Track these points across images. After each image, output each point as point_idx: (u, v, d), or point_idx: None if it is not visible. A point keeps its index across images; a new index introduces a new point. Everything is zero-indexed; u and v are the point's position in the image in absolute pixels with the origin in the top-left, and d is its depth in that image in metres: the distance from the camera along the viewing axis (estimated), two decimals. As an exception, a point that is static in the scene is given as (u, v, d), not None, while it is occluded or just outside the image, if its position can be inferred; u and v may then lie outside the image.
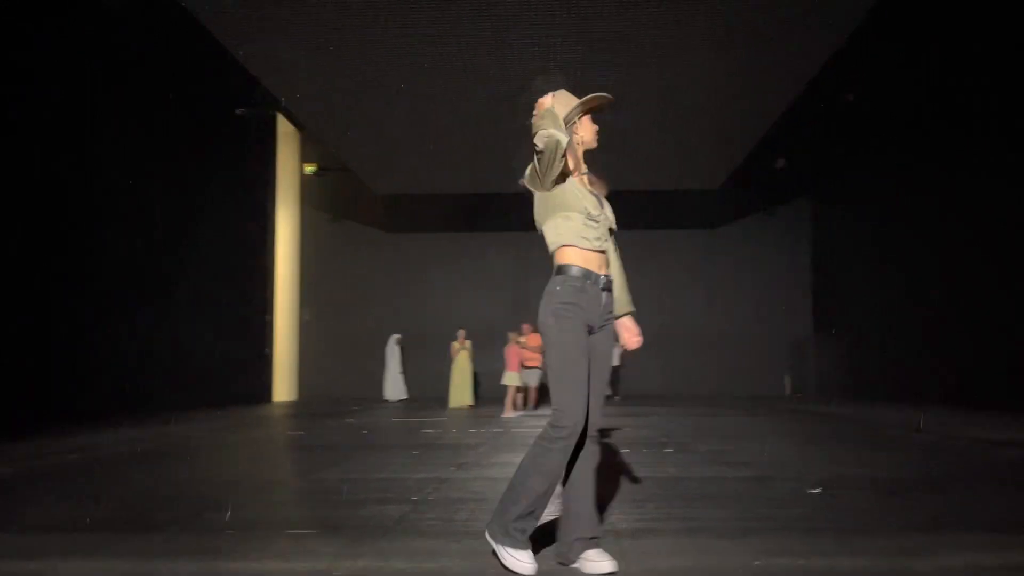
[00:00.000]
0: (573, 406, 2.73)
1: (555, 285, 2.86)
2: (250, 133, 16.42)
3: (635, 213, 19.63)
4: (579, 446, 2.83)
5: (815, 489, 4.55)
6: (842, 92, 13.86)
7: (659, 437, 8.15)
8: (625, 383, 18.31)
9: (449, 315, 18.52)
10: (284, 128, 18.62)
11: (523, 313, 18.44)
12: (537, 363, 13.18)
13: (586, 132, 2.96)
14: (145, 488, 5.00)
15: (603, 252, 2.90)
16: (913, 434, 8.26)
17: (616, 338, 3.08)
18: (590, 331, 2.86)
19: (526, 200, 2.99)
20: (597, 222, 2.86)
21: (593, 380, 2.85)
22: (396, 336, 18.28)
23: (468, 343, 14.50)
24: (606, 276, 2.90)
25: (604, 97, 2.90)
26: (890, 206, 15.65)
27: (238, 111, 14.68)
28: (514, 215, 19.42)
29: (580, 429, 2.76)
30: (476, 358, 14.88)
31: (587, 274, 2.83)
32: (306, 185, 19.78)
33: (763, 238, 20.49)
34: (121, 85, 11.76)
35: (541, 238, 2.98)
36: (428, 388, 18.84)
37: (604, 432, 7.89)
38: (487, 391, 17.56)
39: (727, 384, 19.78)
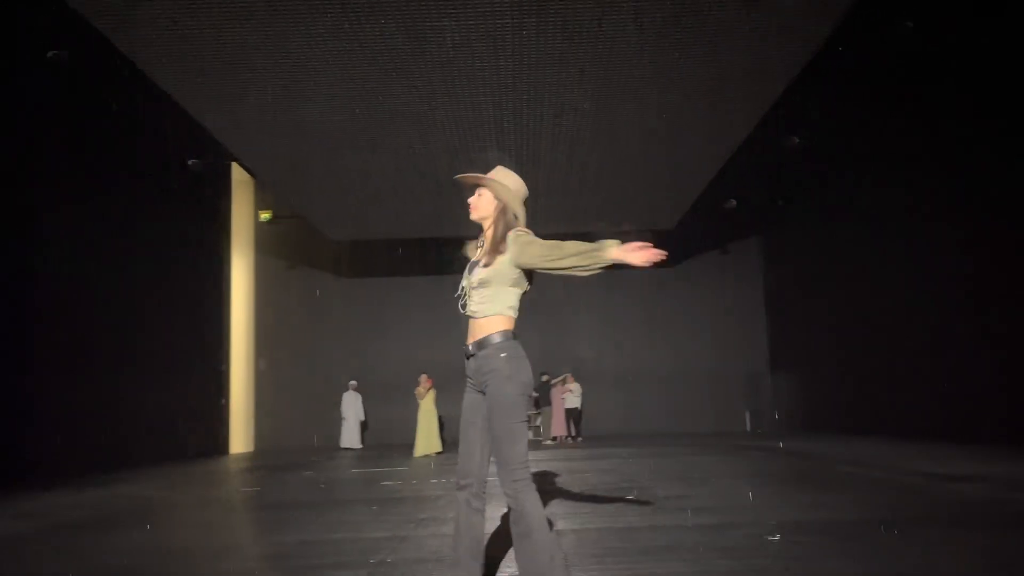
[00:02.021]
0: (459, 460, 3.10)
1: None
2: (204, 183, 16.30)
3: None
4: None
5: (774, 536, 4.58)
6: (788, 133, 14.28)
7: (620, 482, 8.15)
8: (586, 423, 18.35)
9: (410, 360, 18.40)
10: (238, 176, 18.53)
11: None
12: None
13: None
14: (98, 560, 4.84)
15: (471, 317, 3.07)
16: (863, 471, 8.37)
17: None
18: (480, 391, 3.05)
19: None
20: (462, 290, 3.10)
21: (481, 437, 3.05)
22: (352, 383, 18.09)
23: (432, 388, 14.41)
24: (468, 345, 3.07)
25: (465, 177, 3.21)
26: (839, 242, 16.05)
27: (190, 162, 14.57)
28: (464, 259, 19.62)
29: (460, 483, 3.06)
30: (439, 402, 14.78)
31: (464, 346, 3.11)
32: (260, 232, 19.64)
33: (717, 276, 20.82)
34: (71, 139, 11.61)
35: None
36: (391, 436, 18.63)
37: (547, 479, 7.86)
38: (451, 434, 17.34)
39: (688, 422, 19.90)
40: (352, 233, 17.83)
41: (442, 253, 18.49)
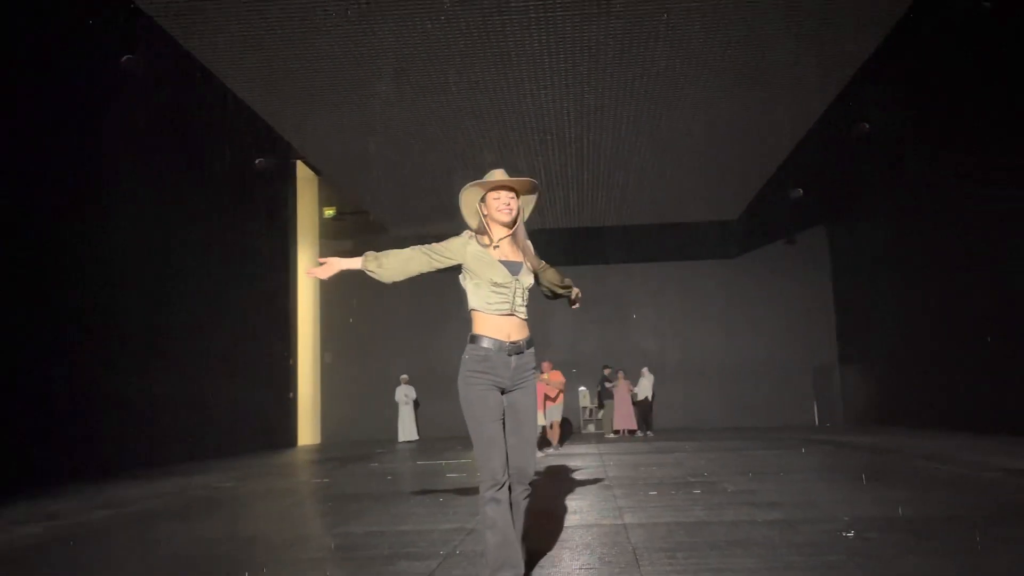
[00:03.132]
0: (486, 463, 3.07)
1: (465, 354, 3.22)
2: (270, 181, 16.67)
3: (654, 246, 19.70)
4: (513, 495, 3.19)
5: (848, 532, 4.48)
6: (856, 119, 13.86)
7: (686, 476, 8.07)
8: (655, 418, 18.11)
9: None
10: (303, 173, 18.89)
11: (543, 349, 18.43)
12: (559, 400, 13.13)
13: (490, 208, 3.27)
14: (174, 549, 5.01)
15: (511, 316, 3.19)
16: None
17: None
18: (504, 390, 3.17)
19: (544, 236, 3.33)
20: (506, 289, 3.18)
21: (511, 435, 3.16)
22: (404, 376, 18.31)
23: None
24: (513, 342, 3.17)
25: (485, 183, 3.30)
26: (910, 228, 15.55)
27: (257, 161, 14.91)
28: (544, 246, 19.63)
29: (500, 481, 3.06)
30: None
31: (491, 341, 3.16)
32: (325, 228, 20.00)
33: (783, 266, 20.38)
34: (141, 140, 12.00)
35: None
36: (453, 428, 18.72)
37: (612, 472, 7.80)
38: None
39: (754, 415, 19.57)
40: (414, 228, 18.02)
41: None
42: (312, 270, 3.36)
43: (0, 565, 4.72)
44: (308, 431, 19.29)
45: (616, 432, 17.31)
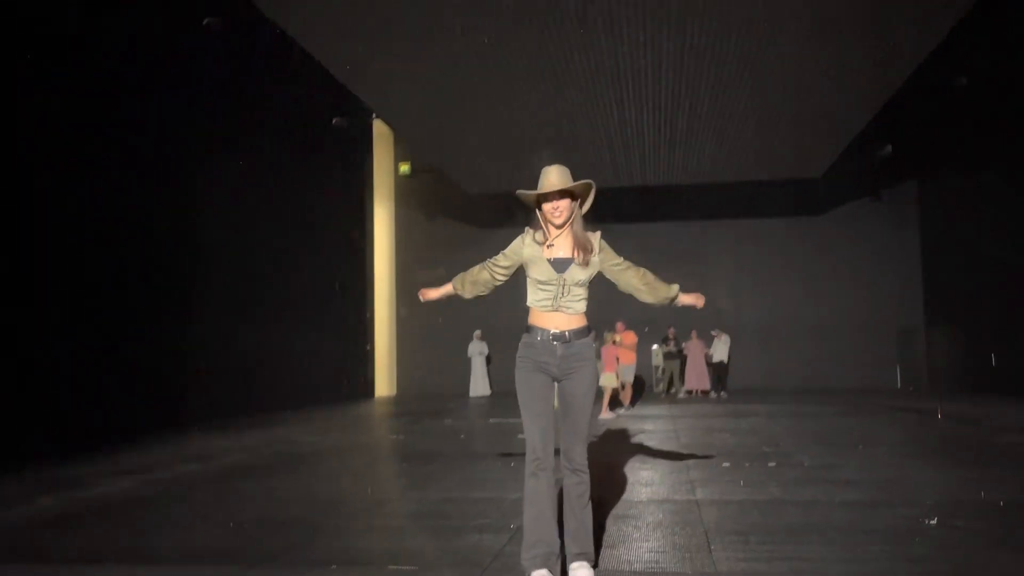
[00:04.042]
0: (529, 438, 3.24)
1: (521, 342, 3.41)
2: (347, 139, 16.89)
3: (732, 202, 19.19)
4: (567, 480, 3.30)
5: (931, 520, 4.34)
6: (952, 74, 13.10)
7: (761, 446, 7.94)
8: (731, 378, 17.82)
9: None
10: (379, 130, 19.06)
11: (616, 307, 18.26)
12: (632, 360, 13.05)
13: (544, 211, 3.38)
14: (254, 511, 5.20)
15: (558, 312, 3.32)
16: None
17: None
18: (556, 379, 3.32)
19: (616, 194, 3.32)
20: (551, 286, 3.32)
21: (561, 421, 3.31)
22: (477, 332, 18.45)
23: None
24: (559, 331, 3.31)
25: (529, 193, 3.42)
26: (1006, 185, 14.72)
27: (335, 120, 15.10)
28: (606, 208, 19.39)
29: (545, 461, 3.20)
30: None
31: (538, 331, 3.33)
32: (400, 184, 20.16)
33: (869, 223, 19.57)
34: (224, 103, 12.25)
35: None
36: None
37: (685, 440, 7.68)
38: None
39: (833, 377, 19.07)
40: (487, 187, 17.99)
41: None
42: (422, 292, 3.72)
43: (98, 518, 5.01)
44: (384, 383, 19.77)
45: (689, 392, 17.16)
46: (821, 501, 5.02)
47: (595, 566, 3.34)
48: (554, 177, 3.32)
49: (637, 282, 3.44)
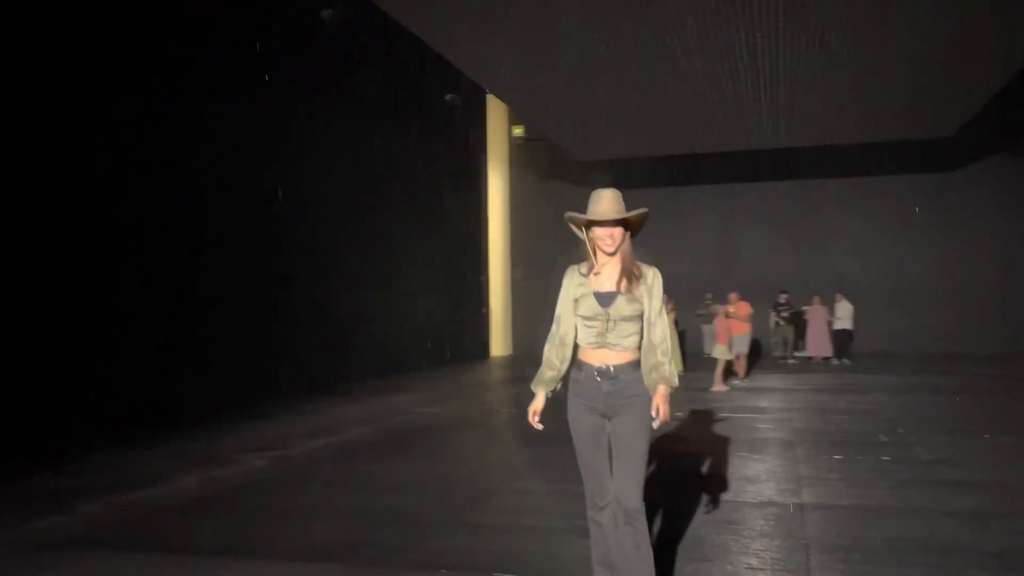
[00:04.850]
0: (586, 484, 3.17)
1: (570, 377, 3.23)
2: (462, 108, 17.29)
3: (856, 161, 18.27)
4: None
5: (1049, 541, 4.18)
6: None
7: (877, 432, 7.73)
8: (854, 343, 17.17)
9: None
10: (494, 98, 19.24)
11: (727, 276, 17.90)
12: (746, 331, 12.81)
13: (596, 237, 3.15)
14: (367, 500, 5.56)
15: (604, 347, 3.11)
16: None
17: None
18: (605, 416, 3.13)
19: (737, 157, 2.99)
20: (596, 321, 3.10)
21: (613, 462, 3.11)
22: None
23: (673, 310, 14.35)
24: (604, 367, 3.11)
25: (580, 217, 3.14)
26: None
27: (448, 98, 15.56)
28: (728, 170, 18.86)
29: (598, 505, 3.12)
30: (681, 319, 14.81)
31: (584, 366, 3.16)
32: (514, 148, 20.31)
33: (1005, 182, 18.21)
34: (346, 85, 12.86)
35: None
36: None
37: (798, 421, 7.50)
38: (697, 349, 17.18)
39: (966, 343, 18.08)
40: (596, 154, 17.96)
41: (694, 167, 18.24)
42: (535, 422, 3.29)
43: (239, 496, 5.51)
44: (499, 343, 20.25)
45: (810, 359, 16.72)
46: (931, 509, 4.90)
47: None
48: (608, 203, 3.09)
49: (655, 339, 3.11)
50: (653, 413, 2.99)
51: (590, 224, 3.13)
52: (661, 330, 3.11)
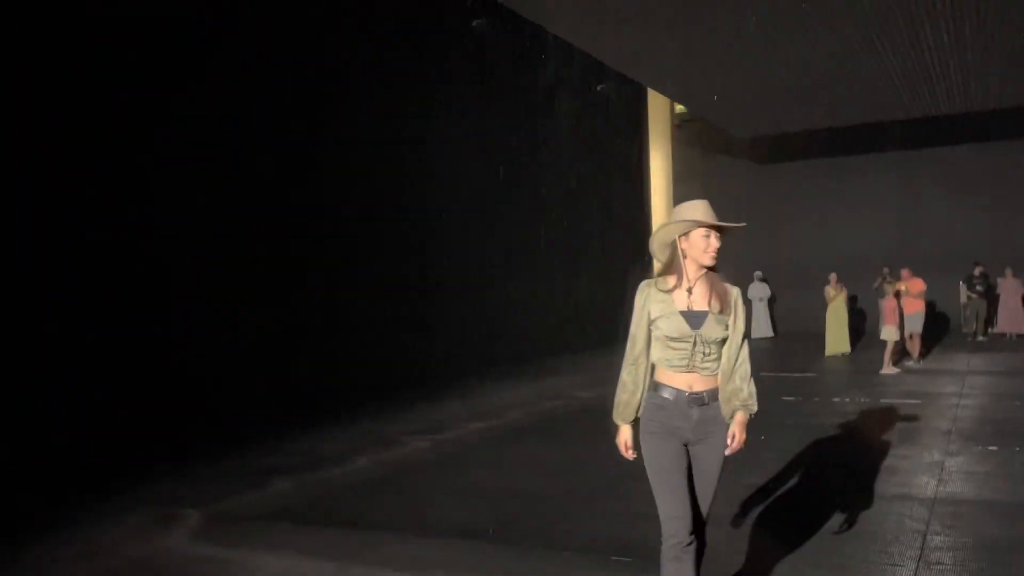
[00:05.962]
0: (666, 518, 2.92)
1: (645, 400, 3.05)
2: (624, 93, 17.63)
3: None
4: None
5: None
6: None
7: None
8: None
9: (819, 247, 17.92)
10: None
11: (901, 250, 16.78)
12: (919, 308, 12.19)
13: (693, 246, 2.97)
14: (515, 482, 6.06)
15: (694, 371, 2.94)
16: None
17: None
18: (687, 443, 2.98)
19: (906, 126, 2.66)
20: (684, 343, 2.92)
21: (696, 491, 3.00)
22: (758, 273, 18.07)
23: (843, 289, 13.92)
24: (694, 393, 2.94)
25: (699, 223, 2.94)
26: None
27: (599, 87, 16.01)
28: (898, 139, 17.68)
29: (681, 536, 2.87)
30: (853, 294, 14.42)
31: (670, 390, 2.96)
32: (676, 132, 20.21)
33: None
34: (496, 83, 13.56)
35: None
36: (802, 323, 17.96)
37: (963, 422, 7.09)
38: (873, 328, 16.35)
39: None
40: (757, 130, 17.58)
41: (847, 139, 17.50)
42: (626, 452, 3.12)
43: (405, 477, 6.20)
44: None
45: (1002, 335, 15.59)
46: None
47: None
48: (708, 211, 2.96)
49: (736, 363, 2.97)
50: (729, 440, 2.90)
51: (684, 234, 2.95)
52: (743, 354, 2.99)
